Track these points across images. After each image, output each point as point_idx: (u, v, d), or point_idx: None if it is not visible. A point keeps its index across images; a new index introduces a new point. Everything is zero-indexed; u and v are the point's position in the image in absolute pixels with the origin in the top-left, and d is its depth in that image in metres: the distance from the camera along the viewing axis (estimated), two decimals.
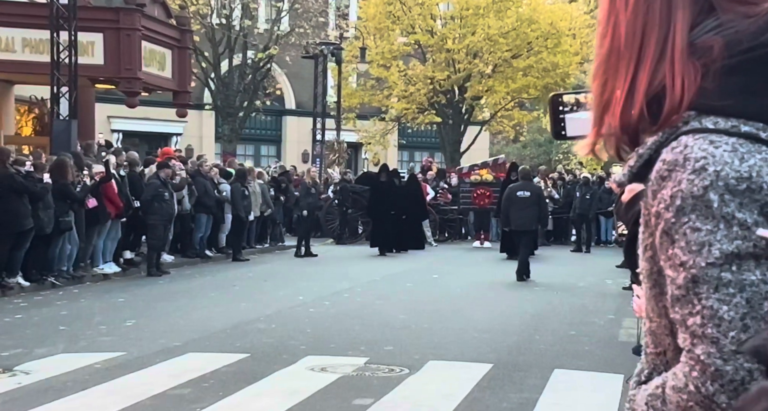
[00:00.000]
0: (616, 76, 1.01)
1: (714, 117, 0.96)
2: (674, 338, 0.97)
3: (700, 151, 0.94)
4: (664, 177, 0.95)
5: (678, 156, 0.95)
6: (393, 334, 7.61)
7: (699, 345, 0.91)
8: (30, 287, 10.19)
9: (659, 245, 0.96)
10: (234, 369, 6.15)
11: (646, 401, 0.98)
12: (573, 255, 17.28)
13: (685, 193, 0.93)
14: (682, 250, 0.93)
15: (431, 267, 14.18)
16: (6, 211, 9.72)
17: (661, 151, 0.97)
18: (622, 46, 1.01)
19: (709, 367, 0.90)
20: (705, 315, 0.91)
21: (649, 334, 1.04)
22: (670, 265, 0.94)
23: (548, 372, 6.18)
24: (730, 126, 0.95)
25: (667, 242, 0.94)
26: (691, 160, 0.94)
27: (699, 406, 0.91)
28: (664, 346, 1.00)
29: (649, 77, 0.99)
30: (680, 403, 0.93)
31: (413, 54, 25.86)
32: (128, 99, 14.82)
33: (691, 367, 0.92)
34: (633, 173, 1.01)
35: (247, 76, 24.45)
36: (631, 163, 1.01)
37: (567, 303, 9.93)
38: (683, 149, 0.95)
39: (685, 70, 0.97)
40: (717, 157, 0.93)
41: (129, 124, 24.58)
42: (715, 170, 0.93)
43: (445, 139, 26.03)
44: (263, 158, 28.47)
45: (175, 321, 8.22)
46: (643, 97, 0.99)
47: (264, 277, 12.40)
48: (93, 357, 6.43)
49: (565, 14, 25.14)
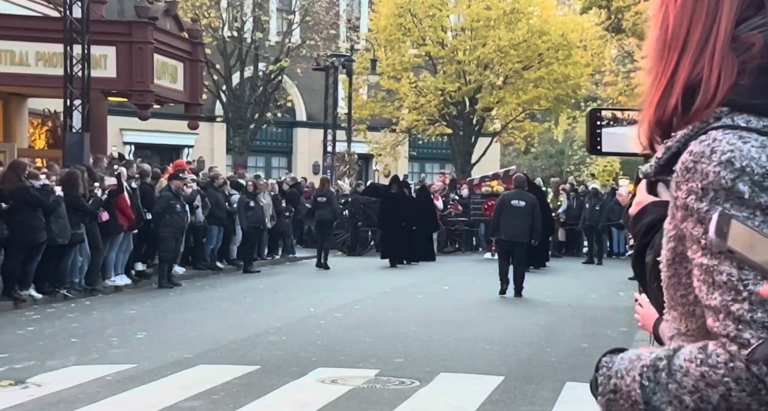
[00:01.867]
0: (658, 66, 1.03)
1: (747, 115, 0.96)
2: (689, 323, 0.99)
3: (728, 145, 0.94)
4: (689, 168, 0.96)
5: (705, 148, 0.95)
6: (404, 346, 7.59)
7: (747, 329, 0.91)
8: (42, 299, 10.23)
9: (690, 236, 0.96)
10: (245, 381, 6.14)
11: (640, 371, 0.98)
12: (585, 267, 17.20)
13: (714, 184, 0.94)
14: (693, 244, 0.95)
15: (442, 278, 14.14)
16: (20, 224, 9.78)
17: (689, 143, 0.97)
18: (670, 37, 1.02)
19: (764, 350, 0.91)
20: (753, 301, 0.91)
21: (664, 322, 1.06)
22: (707, 254, 0.94)
23: (560, 385, 6.14)
24: (762, 126, 0.95)
25: (700, 232, 0.95)
26: (717, 152, 0.94)
27: (737, 382, 0.91)
28: (680, 332, 1.02)
29: (690, 68, 0.99)
30: (710, 376, 0.92)
31: (424, 66, 25.92)
32: (140, 111, 14.90)
33: (739, 346, 0.92)
34: (660, 165, 1.01)
35: (259, 88, 24.57)
36: (659, 155, 1.01)
37: (579, 315, 9.88)
38: (711, 142, 0.95)
39: (724, 64, 0.97)
40: (744, 152, 0.93)
41: (141, 137, 24.73)
42: (741, 165, 0.93)
43: (456, 151, 26.03)
44: (274, 170, 28.56)
45: (186, 333, 8.23)
46: (681, 88, 1.00)
47: (275, 288, 12.40)
48: (104, 369, 6.45)
49: (576, 26, 25.16)
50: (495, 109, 26.04)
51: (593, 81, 27.59)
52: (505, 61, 24.72)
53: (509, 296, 11.29)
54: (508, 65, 24.82)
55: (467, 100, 25.50)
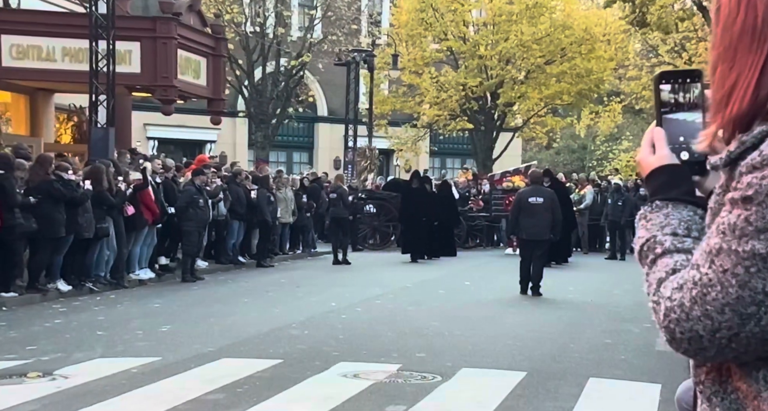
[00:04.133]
0: (746, 58, 0.98)
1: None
2: None
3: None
4: (756, 167, 0.95)
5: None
6: (425, 341, 7.60)
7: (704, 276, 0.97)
8: (69, 292, 10.36)
9: (714, 211, 0.98)
10: (267, 375, 6.18)
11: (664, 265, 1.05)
12: (608, 262, 17.09)
13: (762, 188, 0.94)
14: (724, 226, 0.96)
15: (463, 274, 14.12)
16: (46, 218, 9.91)
17: (766, 140, 0.96)
18: (759, 26, 0.97)
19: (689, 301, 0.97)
20: (712, 278, 0.96)
21: None
22: (715, 229, 0.97)
23: (583, 380, 6.12)
24: None
25: (718, 210, 0.97)
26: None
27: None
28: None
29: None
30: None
31: (445, 60, 25.85)
32: (164, 107, 15.01)
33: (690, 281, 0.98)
34: (731, 159, 0.99)
35: (280, 83, 24.64)
36: (731, 148, 0.99)
37: (602, 311, 9.83)
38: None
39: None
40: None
41: (164, 132, 24.91)
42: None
43: (477, 146, 25.95)
44: (295, 165, 28.64)
45: (210, 326, 8.30)
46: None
47: (297, 283, 12.46)
48: (130, 362, 6.52)
49: (599, 20, 24.95)
50: (517, 104, 25.92)
51: (617, 75, 27.34)
52: (527, 55, 24.58)
53: (530, 294, 11.24)
54: (530, 60, 24.68)
55: (489, 95, 25.39)
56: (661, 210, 1.07)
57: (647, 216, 1.08)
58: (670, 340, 0.99)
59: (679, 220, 1.06)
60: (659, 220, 1.06)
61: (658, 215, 1.07)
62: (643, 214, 1.09)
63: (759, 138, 0.97)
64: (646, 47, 25.99)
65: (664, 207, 1.07)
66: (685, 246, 1.03)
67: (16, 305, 9.50)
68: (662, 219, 1.06)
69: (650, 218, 1.07)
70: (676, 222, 1.05)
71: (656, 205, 1.08)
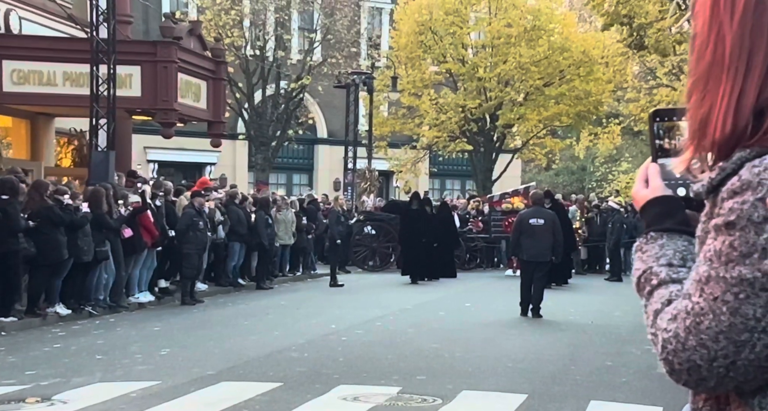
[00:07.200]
0: (717, 88, 1.00)
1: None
2: None
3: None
4: (736, 192, 0.96)
5: (754, 177, 0.96)
6: (426, 363, 7.57)
7: (695, 307, 0.97)
8: (68, 316, 10.33)
9: (701, 239, 0.99)
10: (267, 398, 6.15)
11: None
12: (607, 284, 17.06)
13: (743, 213, 0.95)
14: (710, 253, 0.97)
15: (463, 295, 14.09)
16: (45, 242, 9.91)
17: (744, 165, 0.97)
18: (727, 58, 0.99)
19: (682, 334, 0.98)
20: (698, 306, 0.97)
21: None
22: (703, 257, 0.98)
23: (584, 403, 6.09)
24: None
25: (705, 238, 0.98)
26: (765, 186, 0.95)
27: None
28: None
29: (758, 90, 0.98)
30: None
31: (444, 82, 25.99)
32: (164, 130, 15.07)
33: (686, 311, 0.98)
34: (713, 186, 1.01)
35: (280, 105, 24.76)
36: (712, 176, 1.01)
37: (602, 333, 9.79)
38: (761, 171, 0.96)
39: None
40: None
41: (165, 155, 24.98)
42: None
43: (477, 167, 26.01)
44: (295, 187, 28.69)
45: (210, 350, 8.27)
46: (751, 111, 0.98)
47: (296, 305, 12.43)
48: (129, 386, 6.49)
49: (597, 43, 25.11)
50: (516, 126, 26.01)
51: (615, 97, 27.48)
52: (526, 77, 24.72)
53: (530, 315, 11.20)
54: (529, 82, 24.81)
55: (488, 117, 25.50)
56: (656, 241, 1.08)
57: (643, 248, 1.09)
58: (670, 371, 0.99)
59: (674, 250, 1.06)
60: (654, 252, 1.07)
61: (653, 246, 1.08)
62: (639, 246, 1.10)
63: (738, 164, 0.98)
64: (644, 70, 26.14)
65: (659, 238, 1.08)
66: (680, 276, 1.04)
67: (15, 330, 9.47)
68: (657, 250, 1.07)
69: (646, 250, 1.08)
70: (671, 252, 1.06)
71: (651, 236, 1.09)
